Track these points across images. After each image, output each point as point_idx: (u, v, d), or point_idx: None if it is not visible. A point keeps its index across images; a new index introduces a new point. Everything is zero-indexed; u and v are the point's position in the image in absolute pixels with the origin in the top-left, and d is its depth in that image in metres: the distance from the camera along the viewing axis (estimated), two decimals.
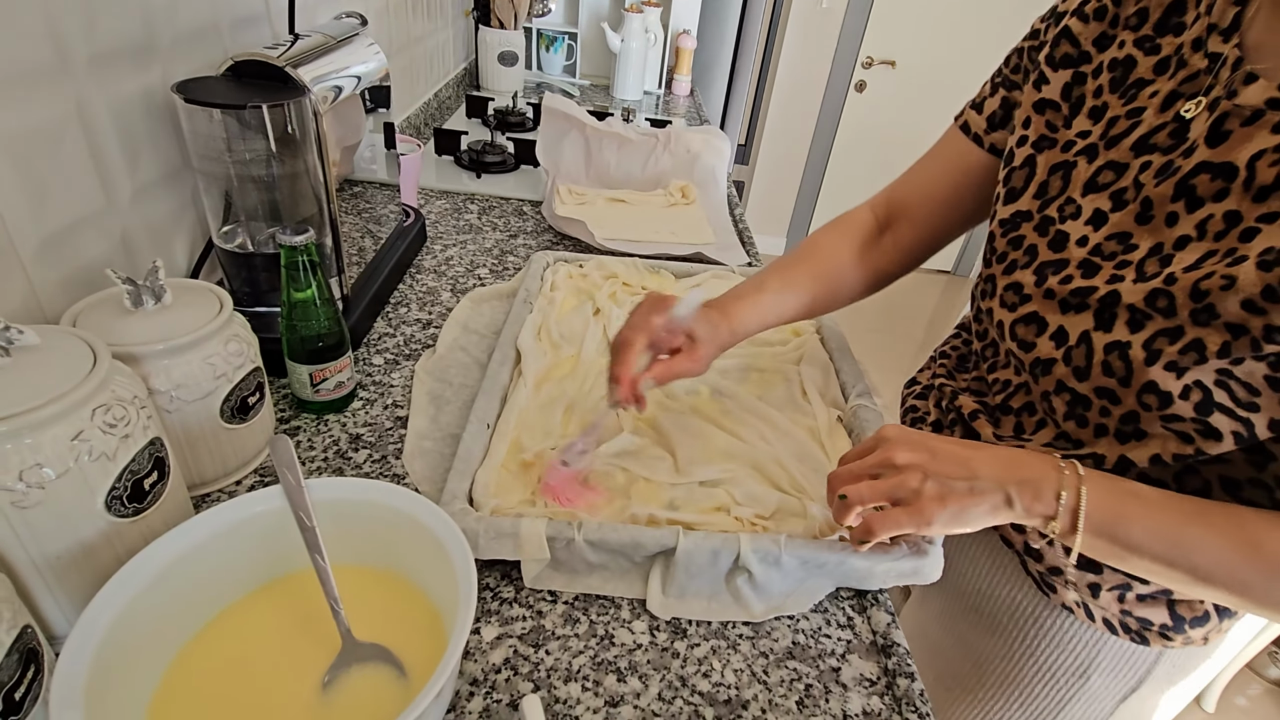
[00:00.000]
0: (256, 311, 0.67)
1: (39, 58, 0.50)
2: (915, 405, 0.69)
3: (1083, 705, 0.59)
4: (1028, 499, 0.45)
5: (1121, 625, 0.55)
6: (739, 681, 0.47)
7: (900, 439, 0.48)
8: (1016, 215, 0.55)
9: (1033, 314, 0.52)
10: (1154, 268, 0.45)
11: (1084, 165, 0.51)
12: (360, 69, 0.74)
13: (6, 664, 0.32)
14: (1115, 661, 0.57)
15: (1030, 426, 0.54)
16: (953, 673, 0.65)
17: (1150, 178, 0.47)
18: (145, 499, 0.42)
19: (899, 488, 0.46)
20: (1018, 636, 0.60)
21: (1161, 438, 0.46)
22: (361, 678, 0.40)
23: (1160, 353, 0.44)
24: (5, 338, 0.37)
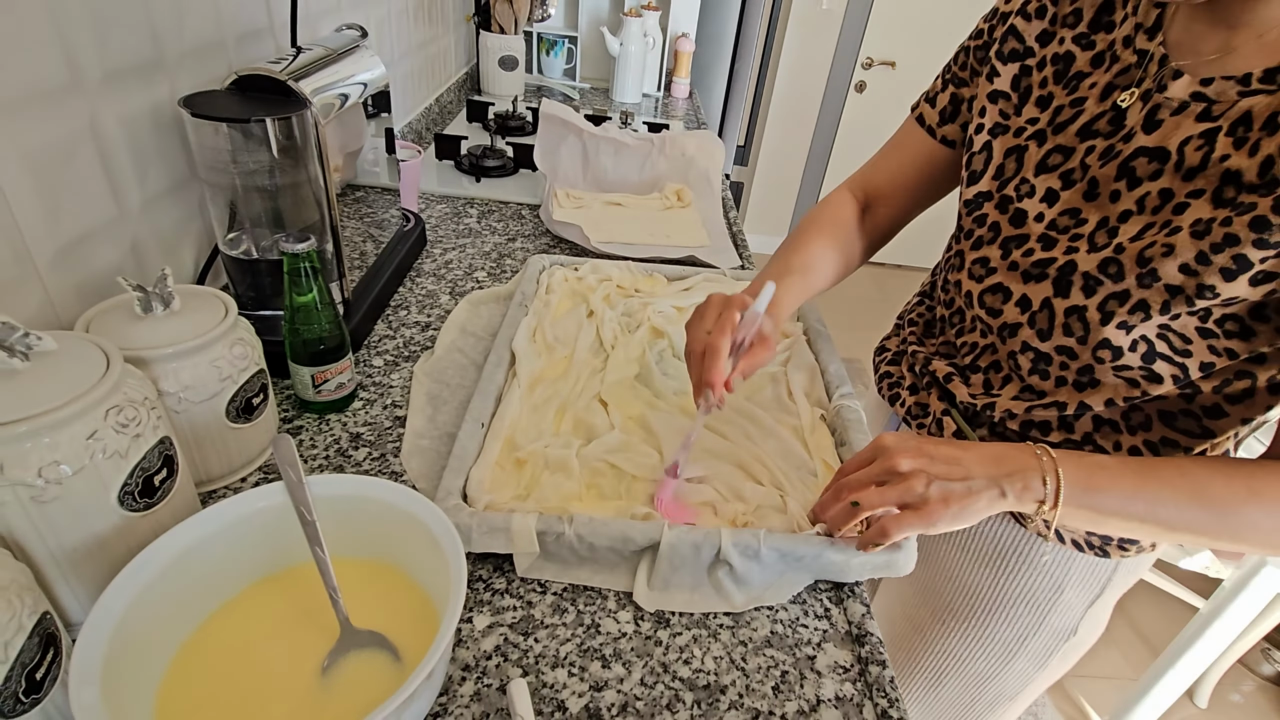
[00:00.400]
0: (261, 315, 0.70)
1: (55, 76, 0.52)
2: (889, 371, 0.75)
3: (1057, 615, 0.68)
4: (1018, 489, 0.50)
5: (1087, 543, 0.64)
6: (718, 668, 0.49)
7: (898, 447, 0.52)
8: (979, 196, 0.62)
9: (998, 285, 0.59)
10: (1103, 239, 0.53)
11: (1034, 149, 0.58)
12: (360, 79, 0.77)
13: (28, 646, 0.35)
14: (1083, 575, 0.66)
15: (997, 383, 0.62)
16: (946, 605, 0.73)
17: (1095, 160, 0.54)
18: (155, 495, 0.45)
19: (907, 493, 0.50)
20: (1002, 565, 0.68)
21: (1113, 385, 0.54)
22: (359, 662, 0.43)
23: (1113, 314, 0.51)
24: (25, 343, 0.40)
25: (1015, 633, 0.70)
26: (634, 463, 0.61)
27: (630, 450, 0.63)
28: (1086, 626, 0.69)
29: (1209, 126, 0.48)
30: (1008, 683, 0.72)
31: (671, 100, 2.03)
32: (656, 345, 0.78)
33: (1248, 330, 0.48)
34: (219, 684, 0.41)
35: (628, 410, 0.68)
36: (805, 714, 0.47)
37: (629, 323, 0.81)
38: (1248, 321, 0.48)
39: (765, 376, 0.76)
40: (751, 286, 0.65)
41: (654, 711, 0.46)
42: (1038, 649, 0.70)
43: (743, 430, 0.67)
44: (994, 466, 0.50)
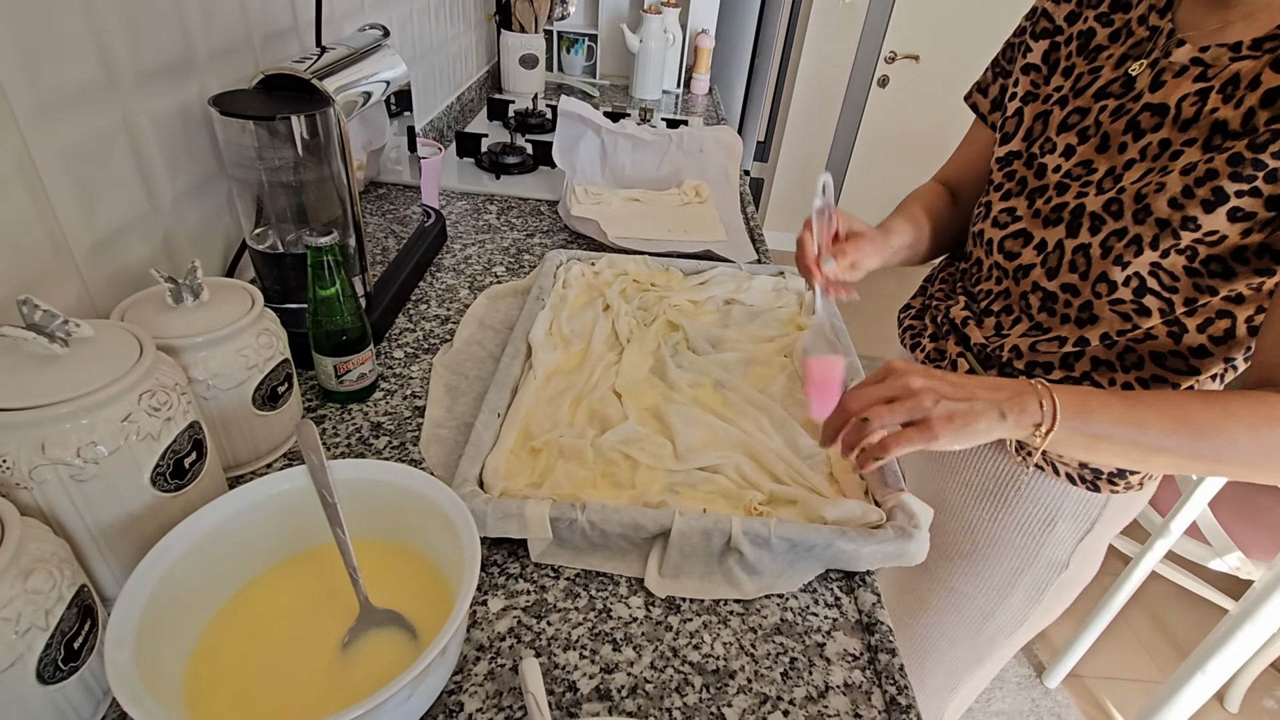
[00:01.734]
0: (286, 307, 0.72)
1: (91, 77, 0.55)
2: (912, 325, 0.83)
3: (1051, 548, 0.74)
4: (1017, 411, 0.52)
5: (1080, 477, 0.70)
6: (727, 654, 0.50)
7: (909, 368, 0.55)
8: (1010, 154, 0.70)
9: (1021, 230, 0.68)
10: (1109, 184, 0.61)
11: (1058, 111, 0.67)
12: (383, 78, 0.79)
13: (67, 616, 0.37)
14: (1075, 508, 0.72)
15: (1008, 324, 0.70)
16: (951, 542, 0.79)
17: (1107, 117, 0.62)
18: (185, 476, 0.47)
19: (915, 408, 0.52)
20: (999, 498, 0.75)
21: (1109, 319, 0.61)
22: (377, 639, 0.44)
23: (1111, 249, 0.59)
24: (64, 330, 0.42)
25: (1012, 565, 0.76)
26: (648, 453, 0.62)
27: (644, 441, 0.63)
28: (1078, 560, 0.75)
29: (1203, 86, 0.56)
30: (1007, 618, 0.79)
31: (691, 97, 2.03)
32: (671, 339, 0.79)
33: (1229, 270, 0.55)
34: (245, 656, 0.43)
35: (642, 402, 0.69)
36: (814, 700, 0.47)
37: (645, 316, 0.82)
38: (1229, 262, 0.55)
39: (777, 367, 0.76)
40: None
41: (663, 694, 0.47)
42: (1032, 582, 0.76)
43: (756, 422, 0.67)
44: (994, 391, 0.54)
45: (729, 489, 0.60)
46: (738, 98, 2.37)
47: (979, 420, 0.52)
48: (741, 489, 0.60)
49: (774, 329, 0.83)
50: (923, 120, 3.06)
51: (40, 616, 0.35)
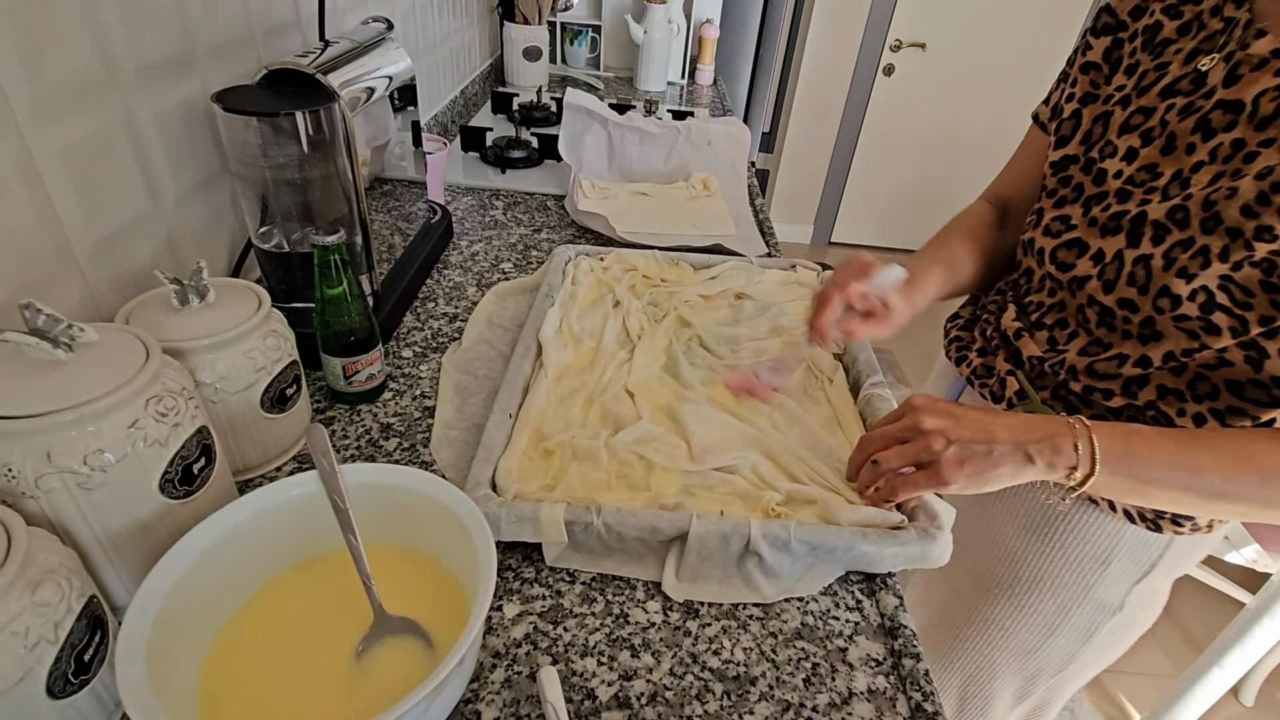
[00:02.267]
0: (293, 307, 0.71)
1: (91, 73, 0.53)
2: (959, 336, 0.77)
3: (1103, 589, 0.67)
4: (1049, 454, 0.50)
5: (1139, 515, 0.62)
6: (748, 659, 0.49)
7: (926, 406, 0.53)
8: (1065, 159, 0.65)
9: (1075, 240, 0.62)
10: (1175, 190, 0.55)
11: (1119, 112, 0.61)
12: (387, 72, 0.77)
13: (77, 628, 0.36)
14: (1132, 548, 0.65)
15: (1062, 339, 0.64)
16: (990, 572, 0.73)
17: (1174, 116, 0.57)
18: (194, 482, 0.46)
19: (923, 451, 0.51)
20: (1048, 533, 0.67)
21: (1173, 336, 0.55)
22: (392, 648, 0.44)
23: (1175, 260, 0.53)
24: (69, 335, 0.41)
25: (1059, 604, 0.69)
26: (662, 453, 0.61)
27: (658, 441, 0.62)
28: (1135, 604, 0.68)
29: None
30: (1051, 657, 0.72)
31: (696, 88, 2.01)
32: (683, 335, 0.77)
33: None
34: (257, 666, 0.42)
35: (655, 401, 0.68)
36: (837, 706, 0.46)
37: (655, 313, 0.81)
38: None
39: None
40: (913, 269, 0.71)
41: (684, 701, 0.46)
42: (1081, 621, 0.69)
43: (771, 420, 0.66)
44: (1022, 432, 0.51)
45: (745, 490, 0.58)
46: (743, 88, 2.34)
47: (998, 466, 0.50)
48: (758, 490, 0.58)
49: (786, 323, 0.82)
50: (929, 109, 3.03)
51: (49, 630, 0.35)
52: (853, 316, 0.65)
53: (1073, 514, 0.66)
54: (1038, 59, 2.90)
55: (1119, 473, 0.49)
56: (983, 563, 0.73)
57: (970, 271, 0.73)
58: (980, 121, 3.05)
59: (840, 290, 0.63)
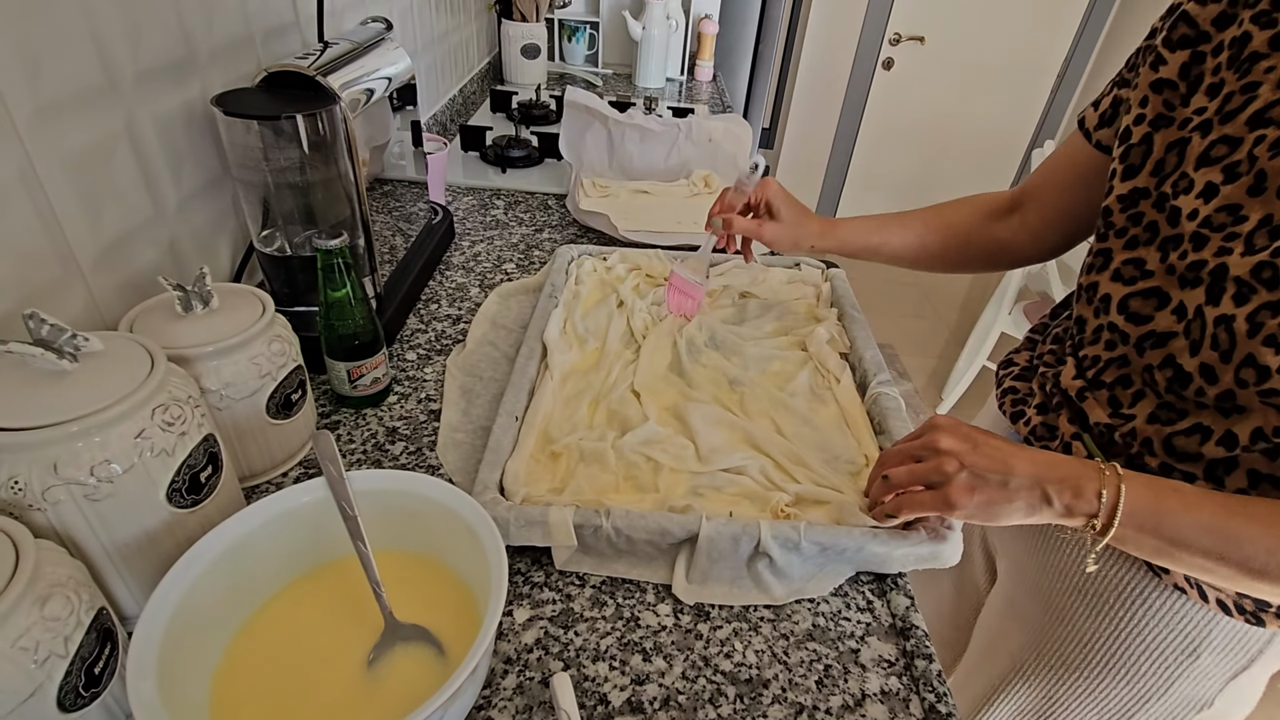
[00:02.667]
0: (296, 311, 0.70)
1: (91, 80, 0.53)
2: (1015, 387, 0.69)
3: (1190, 683, 0.60)
4: (1068, 497, 0.47)
5: (1236, 607, 0.55)
6: (760, 662, 0.48)
7: (947, 426, 0.51)
8: (1135, 192, 0.55)
9: (1155, 289, 0.52)
10: (1263, 240, 0.46)
11: (1198, 140, 0.51)
12: (387, 72, 0.77)
13: (87, 641, 0.36)
14: (1227, 641, 0.57)
15: (1126, 400, 0.55)
16: (1057, 651, 0.66)
17: (1265, 151, 0.47)
18: (202, 491, 0.46)
19: (934, 472, 0.49)
20: (1125, 616, 0.60)
21: (1261, 412, 0.46)
22: (403, 656, 0.43)
23: (1262, 325, 0.44)
24: (73, 345, 0.41)
25: (1135, 693, 0.62)
26: (670, 455, 0.61)
27: (666, 442, 0.62)
28: (1228, 699, 0.60)
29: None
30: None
31: (695, 84, 2.00)
32: (688, 335, 0.77)
33: None
34: (269, 675, 0.42)
35: (662, 401, 0.68)
36: (850, 709, 0.46)
37: (660, 312, 0.81)
38: None
39: (797, 364, 0.74)
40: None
41: (696, 705, 0.45)
42: (1161, 714, 0.62)
43: (777, 420, 0.66)
44: (1044, 469, 0.47)
45: (754, 490, 0.58)
46: (742, 84, 2.33)
47: (1012, 500, 0.47)
48: (767, 490, 0.58)
49: (790, 321, 0.82)
50: (928, 103, 3.02)
51: (59, 644, 0.34)
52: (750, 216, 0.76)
53: (1152, 597, 0.58)
54: (1037, 51, 2.89)
55: (1144, 529, 0.46)
56: (1047, 639, 0.66)
57: (913, 242, 0.74)
58: (980, 114, 3.04)
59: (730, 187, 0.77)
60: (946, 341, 2.74)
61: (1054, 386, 0.62)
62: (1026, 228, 0.71)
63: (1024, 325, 2.00)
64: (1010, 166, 3.16)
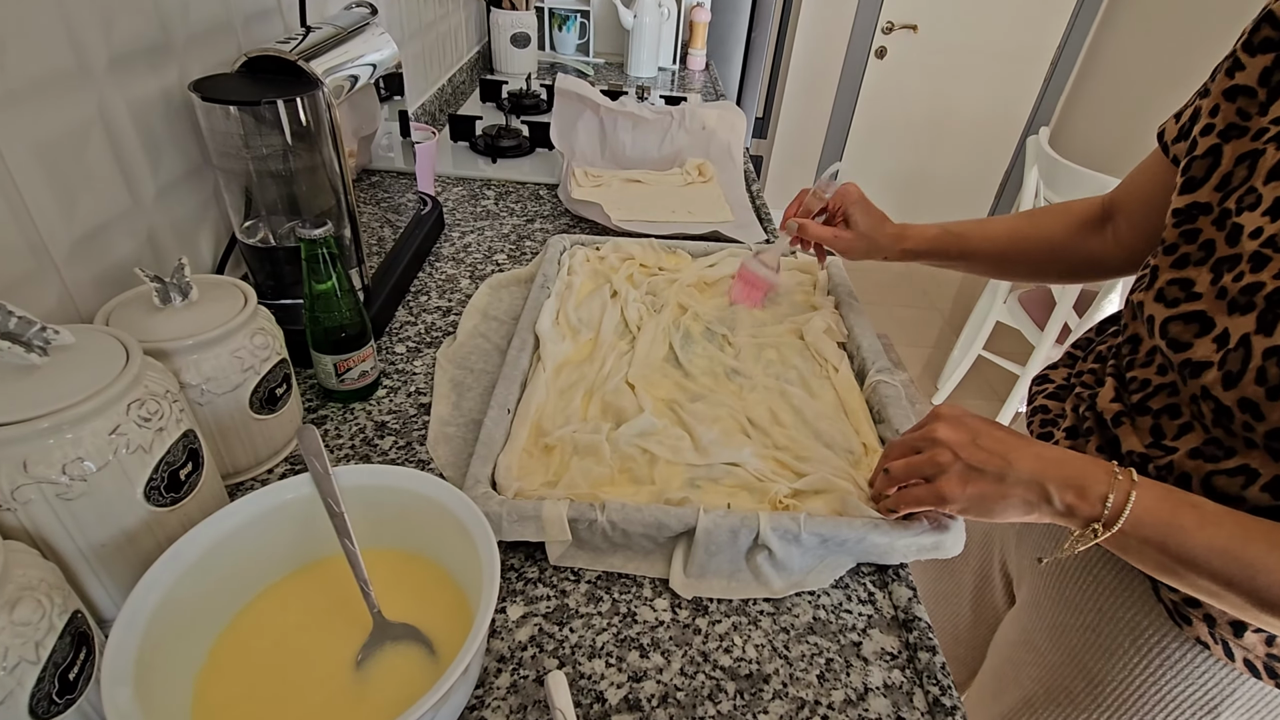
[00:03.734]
0: (282, 304, 0.69)
1: (61, 64, 0.51)
2: (1046, 405, 0.65)
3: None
4: (1070, 497, 0.44)
5: (1266, 669, 0.51)
6: (760, 656, 0.47)
7: (949, 417, 0.50)
8: (1193, 207, 0.51)
9: (1198, 313, 0.48)
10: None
11: (1272, 152, 0.46)
12: (372, 59, 0.75)
13: (60, 646, 0.34)
14: (1252, 702, 0.53)
15: (1171, 430, 0.50)
16: (1064, 688, 0.62)
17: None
18: (182, 489, 0.44)
19: (928, 464, 0.48)
20: (1140, 663, 0.56)
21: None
22: (393, 656, 0.42)
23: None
24: (42, 338, 0.39)
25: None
26: (666, 446, 0.59)
27: (662, 434, 0.61)
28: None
29: None
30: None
31: (688, 73, 1.98)
32: (682, 324, 0.76)
33: None
34: (254, 678, 0.40)
35: (656, 392, 0.66)
36: (853, 703, 0.45)
37: (654, 302, 0.79)
38: None
39: (793, 352, 0.73)
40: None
41: (695, 702, 0.44)
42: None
43: (774, 410, 0.65)
44: (1047, 467, 0.45)
45: (751, 482, 0.57)
46: (735, 73, 2.31)
47: (1007, 495, 0.45)
48: (765, 481, 0.57)
49: (786, 309, 0.80)
50: (922, 91, 3.00)
51: (30, 650, 0.33)
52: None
53: (1172, 648, 0.54)
54: (1030, 38, 2.88)
55: (1150, 542, 0.43)
56: (1058, 677, 0.63)
57: (993, 249, 0.70)
58: (974, 102, 3.02)
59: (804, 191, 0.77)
60: (941, 331, 2.74)
61: (1088, 409, 0.58)
62: (1119, 240, 0.66)
63: (1020, 315, 1.99)
64: (1004, 154, 3.15)
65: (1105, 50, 2.81)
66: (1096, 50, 2.85)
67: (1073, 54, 2.90)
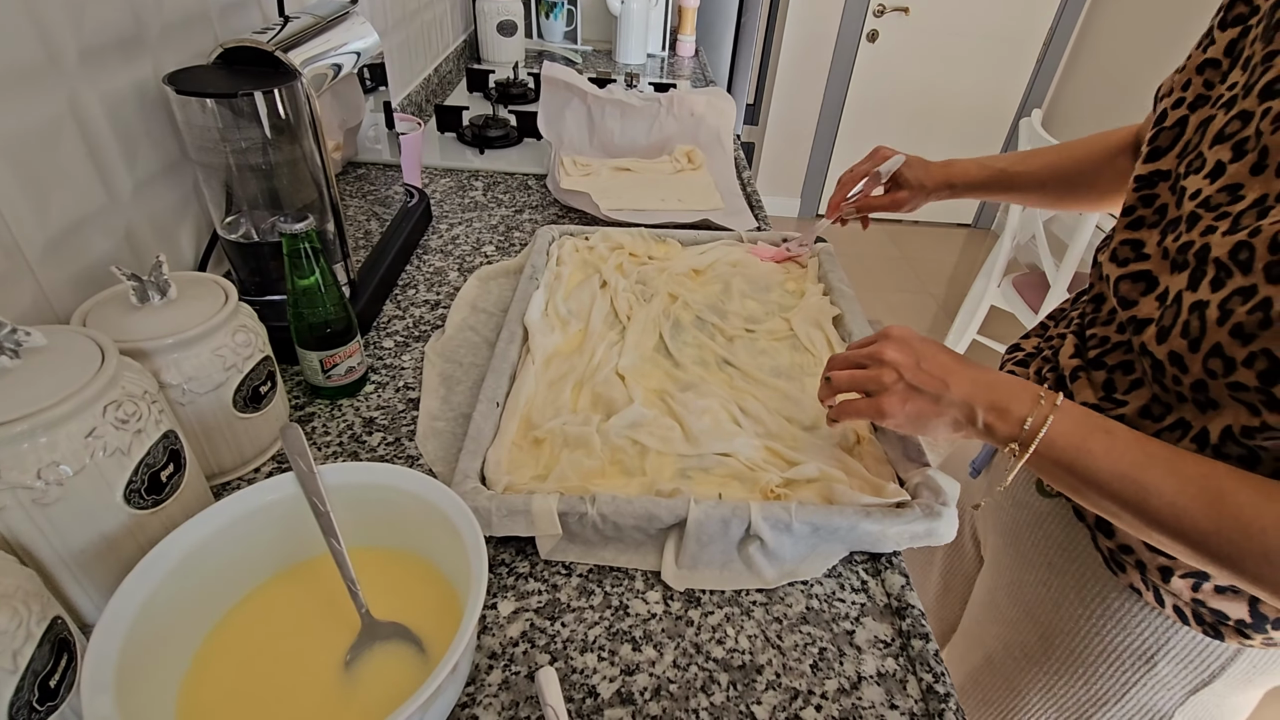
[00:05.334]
0: (268, 300, 0.68)
1: (29, 57, 0.49)
2: (1014, 372, 0.66)
3: (1148, 692, 0.57)
4: (992, 418, 0.47)
5: (1194, 615, 0.52)
6: (753, 647, 0.47)
7: (897, 337, 0.52)
8: (1155, 175, 0.53)
9: (1145, 272, 0.51)
10: (1249, 220, 0.43)
11: (1220, 116, 0.48)
12: (353, 48, 0.73)
13: (39, 654, 0.34)
14: (1186, 652, 0.54)
15: (1124, 386, 0.52)
16: (1021, 643, 0.65)
17: (1269, 124, 0.43)
18: (163, 491, 0.44)
19: (872, 380, 0.50)
20: (1084, 614, 0.58)
21: (1232, 408, 0.43)
22: (382, 655, 0.42)
23: (1231, 313, 0.42)
24: (13, 340, 0.38)
25: (1091, 695, 0.60)
26: (657, 437, 0.59)
27: (652, 425, 0.60)
28: (1187, 717, 0.57)
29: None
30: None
31: (677, 59, 1.96)
32: (672, 313, 0.75)
33: None
34: (241, 682, 0.40)
35: (647, 383, 0.66)
36: (846, 692, 0.45)
37: (644, 291, 0.78)
38: None
39: (784, 341, 0.73)
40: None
41: (688, 694, 0.44)
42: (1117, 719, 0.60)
43: (764, 399, 0.64)
44: (978, 390, 0.48)
45: (743, 471, 0.57)
46: (725, 59, 2.29)
47: (941, 414, 0.48)
48: (756, 471, 0.57)
49: (777, 297, 0.80)
50: (914, 75, 2.99)
51: (7, 659, 0.32)
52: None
53: (1110, 597, 0.56)
54: (1022, 20, 2.86)
55: (1061, 464, 0.45)
56: (1016, 633, 0.65)
57: (1041, 173, 0.72)
58: (966, 85, 3.01)
59: (853, 173, 0.76)
60: (936, 315, 2.74)
61: (1051, 370, 0.60)
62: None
63: (1014, 298, 1.99)
64: (997, 137, 3.14)
65: (1097, 32, 2.80)
66: (1088, 32, 2.84)
67: (1065, 36, 2.88)
